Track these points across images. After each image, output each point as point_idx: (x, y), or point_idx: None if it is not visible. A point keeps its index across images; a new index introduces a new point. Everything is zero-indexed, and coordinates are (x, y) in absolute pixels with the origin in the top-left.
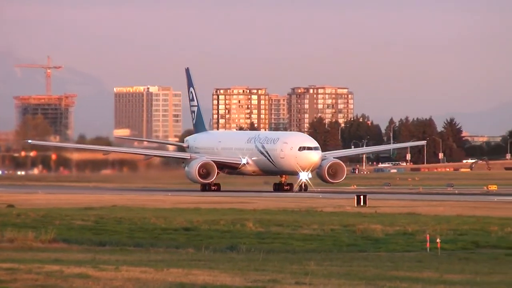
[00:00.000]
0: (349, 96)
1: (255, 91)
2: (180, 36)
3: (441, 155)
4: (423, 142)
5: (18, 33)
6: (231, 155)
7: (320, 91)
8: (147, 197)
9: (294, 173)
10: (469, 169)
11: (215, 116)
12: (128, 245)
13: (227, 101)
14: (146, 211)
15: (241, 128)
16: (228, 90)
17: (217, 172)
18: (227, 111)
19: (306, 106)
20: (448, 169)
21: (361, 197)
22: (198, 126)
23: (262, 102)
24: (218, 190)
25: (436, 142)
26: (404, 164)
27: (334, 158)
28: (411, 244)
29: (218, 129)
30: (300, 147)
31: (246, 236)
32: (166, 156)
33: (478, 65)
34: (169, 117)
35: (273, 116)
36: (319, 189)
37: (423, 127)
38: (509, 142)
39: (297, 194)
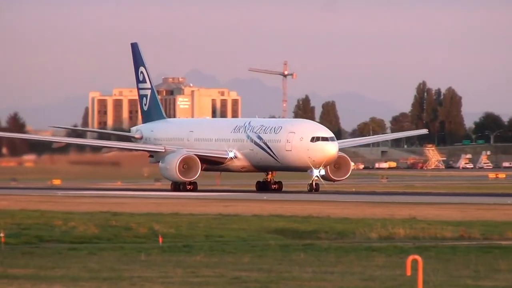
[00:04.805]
0: None
1: None
2: None
3: (5, 150)
4: (425, 131)
5: None
6: (211, 148)
7: None
8: None
9: (302, 169)
10: (32, 164)
11: None
12: None
13: None
14: None
15: None
16: None
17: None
18: None
19: None
20: (12, 164)
21: None
22: (153, 113)
23: None
24: (195, 190)
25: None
26: None
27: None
28: None
29: None
30: (313, 137)
31: None
32: (138, 149)
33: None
34: None
35: None
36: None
37: None
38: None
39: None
